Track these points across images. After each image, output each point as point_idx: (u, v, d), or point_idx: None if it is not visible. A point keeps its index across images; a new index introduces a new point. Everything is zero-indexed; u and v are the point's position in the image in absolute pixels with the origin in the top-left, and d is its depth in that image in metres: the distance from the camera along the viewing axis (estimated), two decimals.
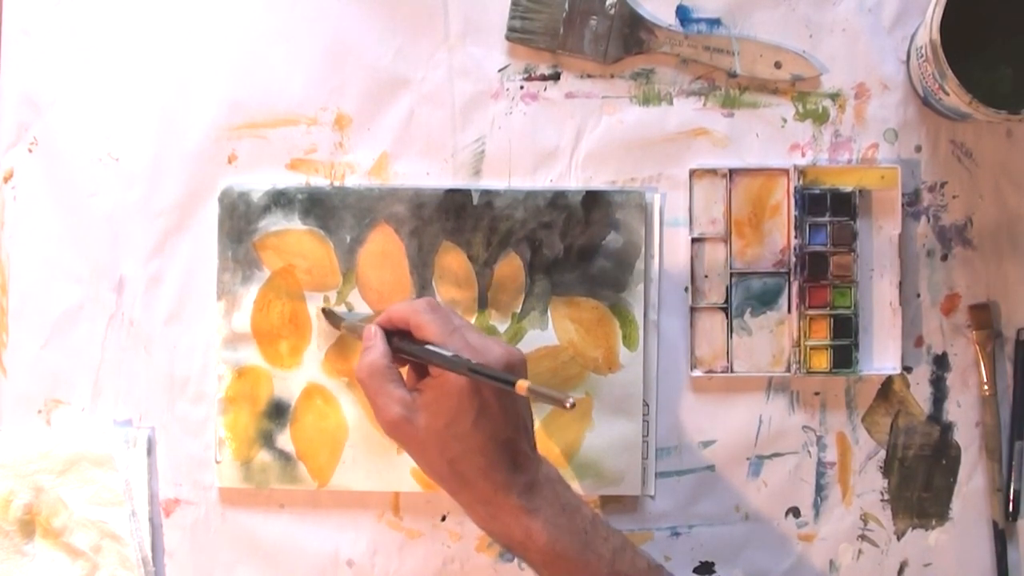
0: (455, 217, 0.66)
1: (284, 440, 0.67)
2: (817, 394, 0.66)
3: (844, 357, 0.65)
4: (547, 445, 0.66)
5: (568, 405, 0.50)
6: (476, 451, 0.55)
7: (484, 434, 0.55)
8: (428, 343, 0.56)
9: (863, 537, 0.66)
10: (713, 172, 0.66)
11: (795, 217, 0.66)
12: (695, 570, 0.66)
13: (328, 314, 0.66)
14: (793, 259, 0.66)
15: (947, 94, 0.60)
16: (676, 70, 0.67)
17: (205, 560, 0.67)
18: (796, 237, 0.66)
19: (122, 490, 0.66)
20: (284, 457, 0.67)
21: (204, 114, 0.67)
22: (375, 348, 0.57)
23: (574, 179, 0.67)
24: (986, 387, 0.66)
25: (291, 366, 0.67)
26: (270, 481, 0.67)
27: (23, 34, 0.68)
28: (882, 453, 0.66)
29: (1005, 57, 0.60)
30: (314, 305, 0.67)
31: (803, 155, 0.67)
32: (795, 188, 0.66)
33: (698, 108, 0.67)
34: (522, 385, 0.52)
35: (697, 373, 0.66)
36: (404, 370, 0.59)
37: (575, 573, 0.56)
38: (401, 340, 0.58)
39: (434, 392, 0.55)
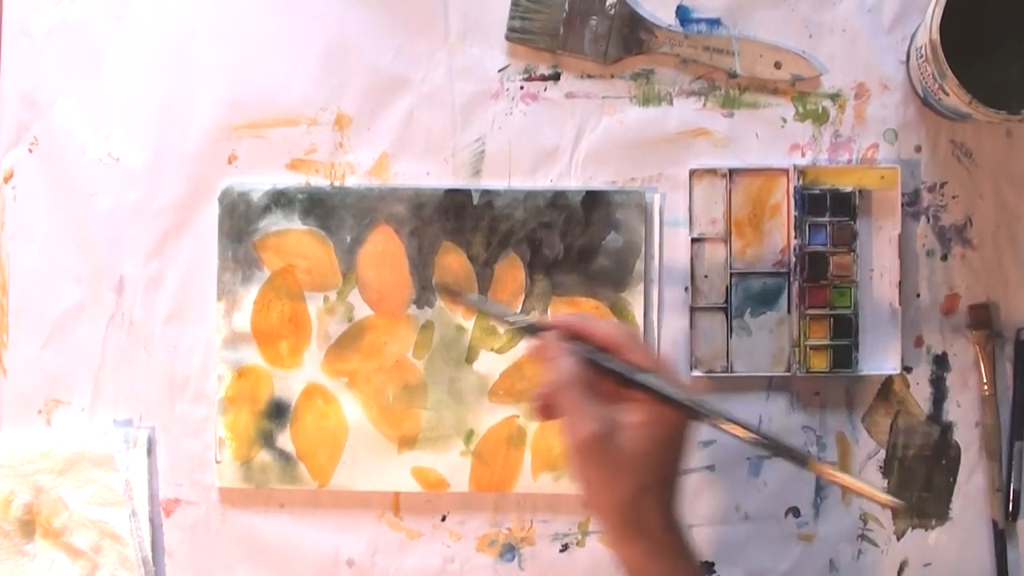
0: (455, 217, 0.66)
1: (284, 440, 0.67)
2: (817, 394, 0.66)
3: (844, 357, 0.65)
4: (547, 445, 0.66)
5: (891, 504, 0.49)
6: (665, 484, 0.52)
7: (675, 469, 0.52)
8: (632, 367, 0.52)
9: (863, 537, 0.66)
10: (713, 172, 0.66)
11: (795, 217, 0.66)
12: None
13: (445, 289, 0.64)
14: (793, 259, 0.66)
15: (947, 94, 0.60)
16: (676, 70, 0.67)
17: (205, 560, 0.67)
18: (796, 237, 0.66)
19: (122, 490, 0.66)
20: (284, 457, 0.67)
21: (204, 114, 0.67)
22: (570, 357, 0.52)
23: (574, 179, 0.67)
24: (986, 387, 0.66)
25: (291, 366, 0.67)
26: (270, 481, 0.67)
27: (23, 34, 0.68)
28: (882, 453, 0.66)
29: (1005, 57, 0.60)
30: (314, 305, 0.67)
31: (803, 155, 0.67)
32: (795, 188, 0.66)
33: (698, 108, 0.67)
34: (824, 470, 0.50)
35: (697, 373, 0.66)
36: None
37: None
38: (605, 358, 0.53)
39: (639, 416, 0.51)
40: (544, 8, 0.66)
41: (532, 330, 0.56)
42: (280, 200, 0.67)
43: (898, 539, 0.66)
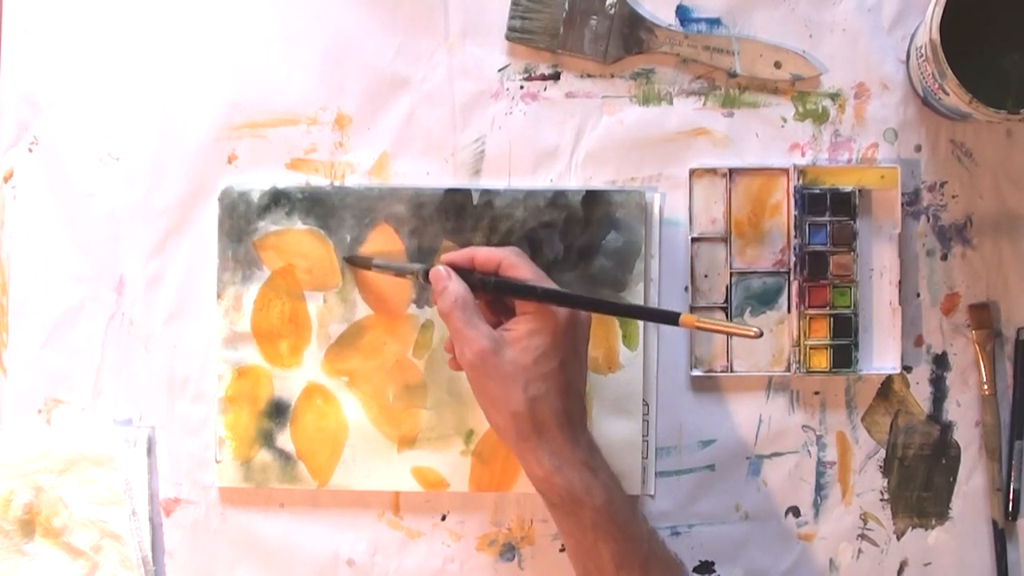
0: (455, 217, 0.66)
1: (284, 440, 0.67)
2: (817, 394, 0.66)
3: (844, 357, 0.65)
4: None
5: (755, 334, 0.49)
6: (557, 394, 0.55)
7: (566, 379, 0.56)
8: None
9: (863, 536, 0.66)
10: (713, 172, 0.66)
11: (795, 217, 0.66)
12: (695, 569, 0.66)
13: (352, 260, 0.66)
14: (793, 259, 0.66)
15: (947, 94, 0.60)
16: (676, 70, 0.67)
17: (205, 560, 0.67)
18: (796, 237, 0.66)
19: (122, 490, 0.66)
20: (284, 457, 0.67)
21: (204, 114, 0.67)
22: (456, 283, 0.57)
23: (574, 179, 0.67)
24: (986, 387, 0.66)
25: (291, 365, 0.67)
26: (270, 481, 0.67)
27: (23, 34, 0.68)
28: (882, 452, 0.66)
29: (1005, 56, 0.60)
30: (314, 305, 0.67)
31: (803, 155, 0.67)
32: (795, 188, 0.66)
33: (698, 108, 0.67)
34: (689, 319, 0.51)
35: (697, 373, 0.66)
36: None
37: (621, 541, 0.56)
38: (484, 278, 0.58)
39: (526, 327, 0.56)
40: (544, 8, 0.66)
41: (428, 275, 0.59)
42: (280, 200, 0.67)
43: (898, 539, 0.66)
